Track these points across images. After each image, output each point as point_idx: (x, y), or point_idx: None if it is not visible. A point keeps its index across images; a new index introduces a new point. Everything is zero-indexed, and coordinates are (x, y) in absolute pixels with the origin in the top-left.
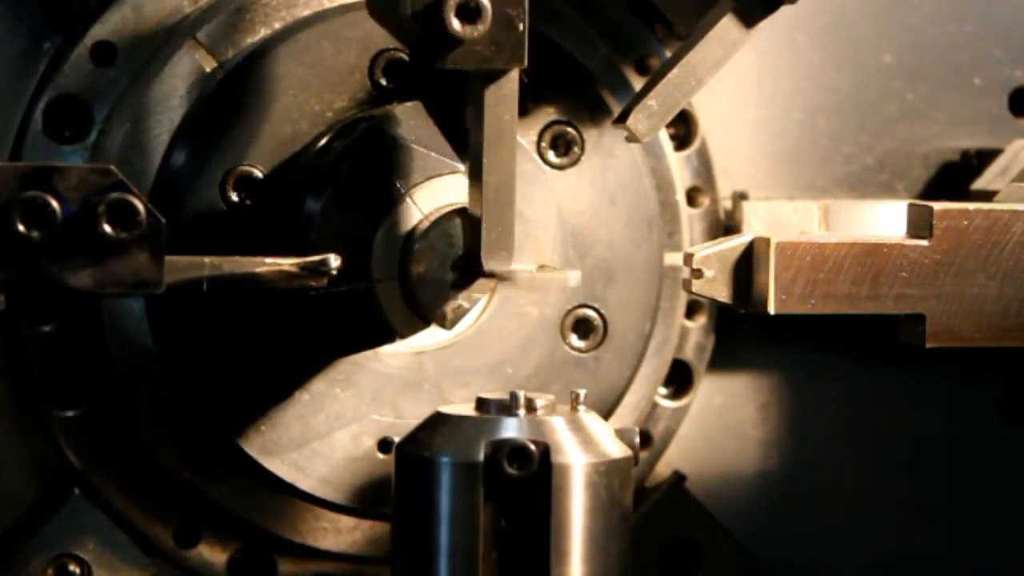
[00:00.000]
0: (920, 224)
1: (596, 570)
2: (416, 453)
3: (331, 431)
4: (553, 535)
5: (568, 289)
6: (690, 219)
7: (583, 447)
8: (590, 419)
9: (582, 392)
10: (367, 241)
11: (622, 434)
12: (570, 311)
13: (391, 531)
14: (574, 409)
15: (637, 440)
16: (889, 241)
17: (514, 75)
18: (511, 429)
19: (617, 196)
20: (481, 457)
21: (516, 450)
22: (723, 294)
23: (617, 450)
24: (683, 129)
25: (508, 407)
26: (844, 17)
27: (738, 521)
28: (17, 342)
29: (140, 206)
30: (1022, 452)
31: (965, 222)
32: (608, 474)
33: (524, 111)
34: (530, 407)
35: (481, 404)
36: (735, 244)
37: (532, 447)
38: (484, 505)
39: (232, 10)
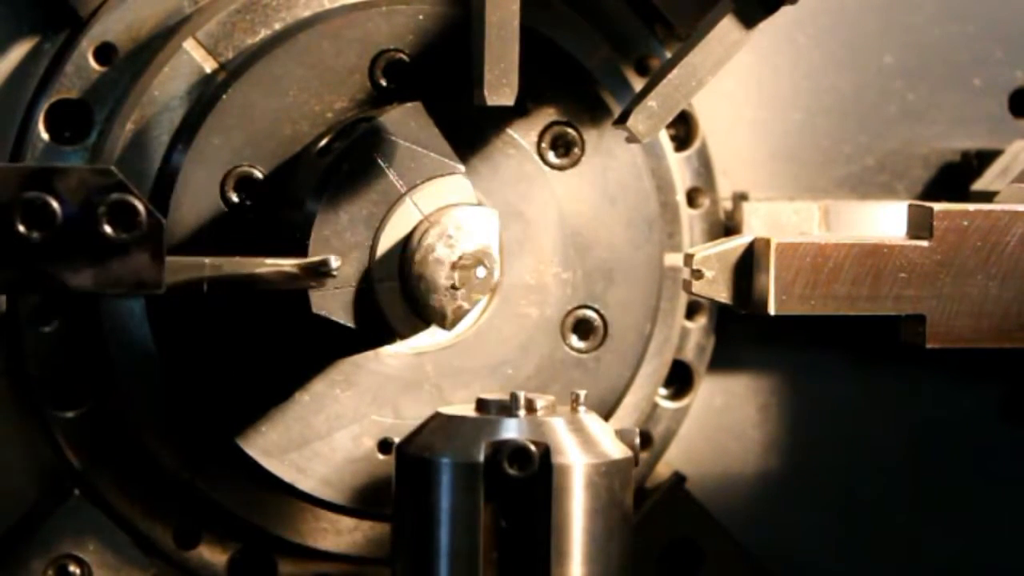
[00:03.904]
0: (920, 225)
1: (596, 571)
2: (416, 454)
3: (331, 432)
4: (554, 535)
5: (567, 290)
6: (690, 220)
7: (583, 448)
8: (590, 420)
9: (582, 393)
10: (367, 242)
11: (622, 435)
12: (570, 312)
13: (392, 532)
14: (574, 410)
15: (637, 441)
16: (889, 242)
17: None
18: (511, 430)
19: (617, 197)
20: (481, 458)
21: (516, 451)
22: (723, 295)
23: (617, 451)
24: (683, 130)
25: (508, 408)
26: (844, 17)
27: (738, 521)
28: (17, 342)
29: (140, 207)
30: (1022, 452)
31: (965, 223)
32: (608, 475)
33: (524, 112)
34: (530, 408)
35: (481, 405)
36: (735, 245)
37: (532, 448)
38: (484, 505)
39: (232, 10)
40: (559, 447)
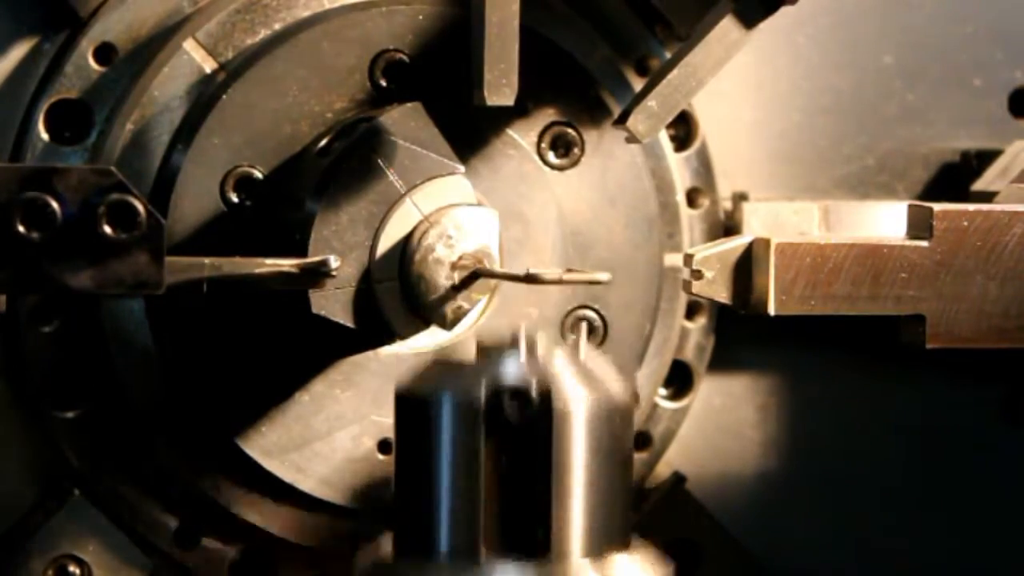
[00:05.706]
0: (920, 225)
1: (597, 512)
2: (416, 394)
3: (331, 432)
4: (554, 477)
5: (567, 290)
6: (690, 220)
7: (584, 390)
8: (591, 360)
9: (584, 330)
10: (367, 242)
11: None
12: (570, 312)
13: (394, 475)
14: (575, 349)
15: (638, 382)
16: (889, 242)
17: None
18: (512, 371)
19: (617, 197)
20: (482, 398)
21: (516, 393)
22: (723, 295)
23: (619, 393)
24: (683, 130)
25: (510, 349)
26: (844, 18)
27: (738, 521)
28: (17, 342)
29: (140, 207)
30: (1022, 452)
31: (965, 223)
32: (609, 417)
33: (524, 112)
34: (532, 349)
35: (482, 347)
36: (735, 245)
37: (532, 390)
38: (485, 446)
39: (232, 10)
40: (559, 389)
